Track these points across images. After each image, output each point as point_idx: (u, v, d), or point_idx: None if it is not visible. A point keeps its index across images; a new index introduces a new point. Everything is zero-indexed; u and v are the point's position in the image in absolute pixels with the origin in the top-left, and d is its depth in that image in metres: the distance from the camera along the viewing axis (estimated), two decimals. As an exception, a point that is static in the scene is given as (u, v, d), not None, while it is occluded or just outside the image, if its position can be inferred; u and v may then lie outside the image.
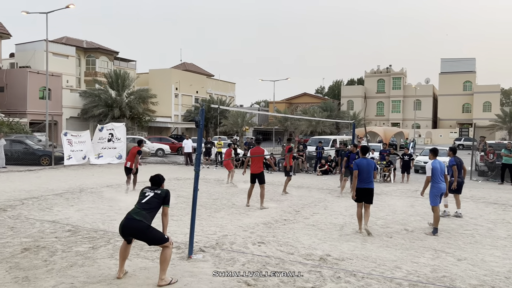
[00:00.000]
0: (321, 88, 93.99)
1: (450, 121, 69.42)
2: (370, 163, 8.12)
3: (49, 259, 6.04)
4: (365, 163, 8.07)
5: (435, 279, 5.57)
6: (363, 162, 8.09)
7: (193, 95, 56.86)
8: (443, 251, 6.93)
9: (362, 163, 8.07)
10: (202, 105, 6.67)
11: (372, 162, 8.19)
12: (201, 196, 11.64)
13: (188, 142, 23.39)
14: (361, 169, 8.02)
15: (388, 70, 73.98)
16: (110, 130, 22.58)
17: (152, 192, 5.37)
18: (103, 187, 13.52)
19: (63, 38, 46.71)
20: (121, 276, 5.32)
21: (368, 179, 8.05)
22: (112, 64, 48.68)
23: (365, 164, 8.05)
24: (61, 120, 37.90)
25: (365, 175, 8.02)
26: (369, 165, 8.07)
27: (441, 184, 8.34)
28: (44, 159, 20.73)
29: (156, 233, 5.11)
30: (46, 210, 9.58)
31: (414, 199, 12.59)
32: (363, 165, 8.04)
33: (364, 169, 8.01)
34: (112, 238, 7.21)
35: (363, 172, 8.01)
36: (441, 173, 8.37)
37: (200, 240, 7.14)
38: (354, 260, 6.36)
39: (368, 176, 8.03)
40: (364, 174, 8.02)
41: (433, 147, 9.20)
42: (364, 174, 8.02)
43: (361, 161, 8.12)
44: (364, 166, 8.03)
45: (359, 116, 57.57)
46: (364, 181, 8.04)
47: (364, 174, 8.02)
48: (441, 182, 8.34)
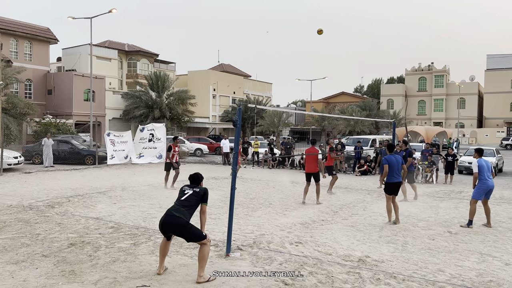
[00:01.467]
0: (360, 87, 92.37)
1: (497, 120, 66.21)
2: (398, 159, 8.90)
3: (93, 254, 6.28)
4: (394, 159, 8.82)
5: (481, 284, 5.34)
6: (392, 158, 8.83)
7: (231, 95, 57.40)
8: (489, 255, 6.63)
9: (391, 159, 8.81)
10: (239, 105, 6.74)
11: (399, 158, 8.98)
12: (238, 195, 11.75)
13: (226, 142, 23.64)
14: (391, 164, 8.74)
15: (430, 68, 71.58)
16: (150, 130, 23.18)
17: (191, 190, 5.47)
18: (144, 186, 13.90)
19: (106, 42, 48.45)
20: (161, 272, 5.45)
21: (398, 173, 8.83)
22: (152, 66, 49.98)
23: (394, 160, 8.81)
24: (104, 121, 39.32)
25: (396, 169, 8.78)
26: (397, 161, 8.84)
27: (489, 181, 8.51)
28: (88, 159, 21.58)
29: (194, 230, 5.20)
30: (90, 207, 9.97)
31: (459, 200, 12.12)
32: (393, 161, 8.78)
33: (394, 164, 8.76)
34: (152, 235, 7.40)
35: (393, 167, 8.75)
36: (488, 171, 8.53)
37: (237, 239, 7.20)
38: (394, 262, 6.20)
39: (398, 171, 8.82)
40: (394, 169, 8.76)
41: (478, 147, 9.36)
42: (394, 169, 8.76)
43: (390, 157, 8.86)
44: (393, 161, 8.78)
45: (400, 115, 56.02)
46: (395, 175, 8.79)
47: (395, 169, 8.77)
48: (488, 179, 8.49)
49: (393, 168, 8.76)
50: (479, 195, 8.48)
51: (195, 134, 46.37)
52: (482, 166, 8.47)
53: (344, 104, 66.28)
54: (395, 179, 8.81)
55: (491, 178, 8.57)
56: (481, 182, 8.47)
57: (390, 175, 8.79)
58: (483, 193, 8.47)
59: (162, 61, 53.99)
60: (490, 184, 8.49)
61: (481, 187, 8.44)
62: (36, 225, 8.08)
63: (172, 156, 13.78)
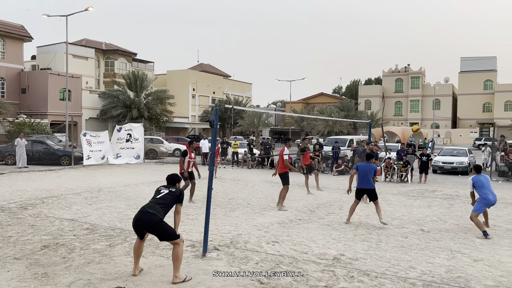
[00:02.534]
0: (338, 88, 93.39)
1: (470, 120, 68.05)
2: (368, 167, 8.94)
3: (67, 256, 6.20)
4: (363, 166, 9.01)
5: (450, 280, 5.51)
6: (362, 165, 9.06)
7: (210, 95, 57.23)
8: (459, 252, 6.84)
9: (361, 166, 9.08)
10: (216, 105, 6.75)
11: (371, 167, 8.96)
12: (216, 196, 11.76)
13: (205, 142, 23.57)
14: (360, 171, 8.98)
15: (406, 70, 72.99)
16: (128, 130, 22.91)
17: (167, 189, 5.48)
18: (121, 187, 13.75)
19: (83, 40, 47.61)
20: (136, 273, 5.43)
21: (366, 181, 8.85)
22: (130, 66, 49.38)
23: (363, 167, 8.98)
24: (80, 121, 38.65)
25: (362, 177, 8.90)
26: (366, 169, 8.91)
27: (489, 195, 8.12)
28: (64, 159, 21.19)
29: (168, 228, 5.21)
30: (65, 209, 9.81)
31: (432, 199, 12.44)
32: (362, 168, 8.99)
33: (361, 171, 8.93)
34: (129, 236, 7.35)
35: (360, 174, 8.96)
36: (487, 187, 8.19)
37: (214, 239, 7.22)
38: (368, 259, 6.34)
39: (365, 179, 8.85)
40: (360, 176, 8.93)
41: (476, 164, 9.23)
42: (360, 176, 8.93)
43: (361, 164, 9.15)
44: (362, 168, 8.97)
45: (377, 116, 56.95)
46: (361, 182, 8.92)
47: (361, 176, 8.92)
48: (489, 194, 8.12)
49: (359, 175, 8.98)
50: (480, 209, 8.21)
51: (174, 134, 46.04)
52: (478, 183, 8.25)
53: (323, 105, 66.89)
54: (361, 186, 8.95)
55: (493, 193, 8.23)
56: (481, 197, 8.19)
57: (358, 182, 9.08)
58: (484, 207, 8.26)
59: (140, 60, 53.40)
60: (492, 199, 8.15)
61: (482, 202, 8.19)
62: (8, 227, 7.91)
63: (188, 164, 11.02)
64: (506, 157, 18.10)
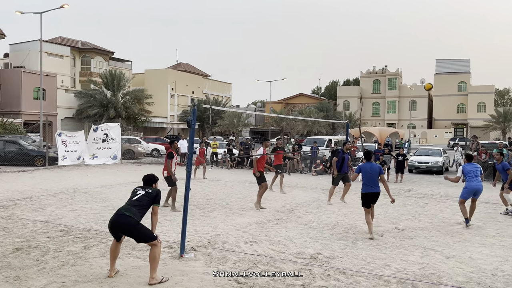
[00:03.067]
0: (317, 89, 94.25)
1: (445, 121, 69.73)
2: (374, 168, 7.97)
3: (40, 258, 6.07)
4: (368, 168, 7.98)
5: (423, 277, 5.65)
6: (367, 167, 8.02)
7: (189, 95, 56.83)
8: (432, 249, 7.01)
9: (365, 167, 8.03)
10: (194, 105, 6.72)
11: (376, 167, 8.01)
12: (195, 196, 11.71)
13: (184, 143, 23.40)
14: (364, 173, 7.99)
15: (383, 71, 74.25)
16: (105, 130, 22.57)
17: (143, 190, 5.42)
18: (97, 188, 13.52)
19: (58, 38, 46.59)
20: (112, 275, 5.36)
21: (373, 183, 7.90)
22: (107, 64, 48.60)
23: (368, 168, 7.96)
24: (55, 120, 37.79)
25: (369, 179, 7.91)
26: (372, 170, 7.93)
27: (472, 182, 8.82)
28: (38, 160, 20.69)
29: (144, 230, 5.16)
30: (39, 211, 9.59)
31: (407, 198, 12.69)
32: (367, 169, 7.97)
33: (368, 173, 7.92)
34: (104, 238, 7.24)
35: (365, 177, 7.95)
36: (473, 175, 8.83)
37: (192, 240, 7.19)
38: (344, 258, 6.43)
39: (372, 181, 7.89)
40: (367, 178, 7.93)
41: (468, 153, 10.09)
42: (367, 178, 7.93)
43: (365, 166, 8.08)
44: (367, 170, 7.96)
45: (355, 117, 57.76)
46: (369, 185, 7.93)
47: (367, 179, 7.92)
48: (472, 180, 8.82)
49: (365, 177, 7.99)
50: (465, 195, 8.88)
51: (152, 134, 45.54)
52: (467, 170, 8.89)
53: (302, 105, 67.40)
54: (369, 189, 7.93)
55: (478, 180, 8.83)
56: (466, 183, 8.91)
57: (364, 185, 8.01)
58: (469, 193, 8.88)
59: (118, 59, 52.60)
60: (474, 185, 8.76)
61: (466, 187, 8.88)
62: (-22, 230, 7.68)
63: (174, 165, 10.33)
64: (478, 157, 18.62)
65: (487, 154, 18.16)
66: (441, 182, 16.82)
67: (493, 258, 6.61)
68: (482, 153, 18.46)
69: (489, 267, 6.14)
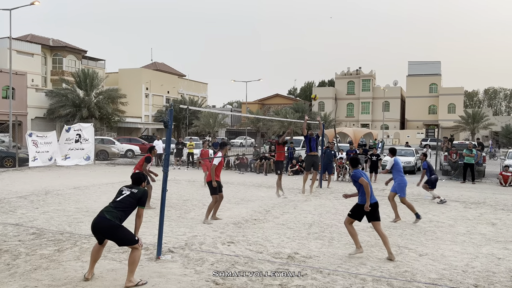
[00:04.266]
0: (293, 89, 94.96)
1: (417, 122, 71.50)
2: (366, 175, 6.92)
3: (12, 262, 5.89)
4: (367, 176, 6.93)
5: (397, 274, 5.78)
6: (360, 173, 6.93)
7: (164, 95, 56.26)
8: (406, 247, 7.18)
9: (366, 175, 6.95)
10: (171, 105, 6.66)
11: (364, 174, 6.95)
12: (171, 197, 11.60)
13: (159, 143, 23.14)
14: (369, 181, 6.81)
15: (358, 72, 75.50)
16: (77, 130, 22.07)
17: (128, 191, 5.31)
18: (70, 189, 13.21)
19: (28, 36, 45.29)
20: (89, 277, 5.25)
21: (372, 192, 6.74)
22: (80, 63, 47.57)
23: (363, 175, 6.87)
24: (25, 120, 36.73)
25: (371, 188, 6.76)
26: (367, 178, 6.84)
27: (404, 177, 9.34)
28: (7, 161, 20.04)
29: (126, 234, 5.07)
30: (9, 213, 9.29)
31: (381, 197, 12.89)
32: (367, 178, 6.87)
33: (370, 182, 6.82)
34: (78, 240, 7.09)
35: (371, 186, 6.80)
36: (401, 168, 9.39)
37: (169, 241, 7.12)
38: (321, 257, 6.51)
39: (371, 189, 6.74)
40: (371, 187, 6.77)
41: (391, 147, 10.53)
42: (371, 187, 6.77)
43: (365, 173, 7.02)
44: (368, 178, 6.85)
45: (330, 117, 58.52)
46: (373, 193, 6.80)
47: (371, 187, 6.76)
48: (404, 176, 9.34)
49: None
50: (403, 191, 9.27)
51: (127, 134, 44.84)
52: (398, 166, 9.34)
53: (279, 106, 67.82)
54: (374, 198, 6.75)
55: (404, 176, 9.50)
56: (399, 179, 9.28)
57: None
58: (405, 188, 9.32)
59: (90, 58, 51.57)
60: (406, 180, 9.38)
61: (401, 183, 9.24)
62: None
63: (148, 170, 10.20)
64: (449, 157, 19.18)
65: (457, 154, 18.72)
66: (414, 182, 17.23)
67: (464, 255, 6.83)
68: (452, 153, 19.02)
69: (460, 263, 6.34)
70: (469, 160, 17.28)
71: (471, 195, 13.93)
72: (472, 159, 17.25)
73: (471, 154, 17.22)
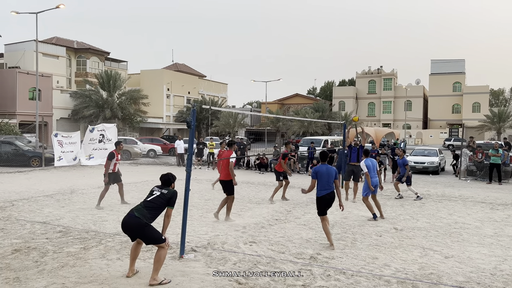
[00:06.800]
0: (313, 89, 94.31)
1: (440, 121, 70.05)
2: (330, 170, 7.12)
3: (40, 260, 6.04)
4: (324, 170, 7.10)
5: (423, 276, 5.67)
6: (323, 169, 7.12)
7: (185, 95, 56.75)
8: (431, 249, 7.04)
9: (321, 170, 7.11)
10: (193, 105, 6.71)
11: (332, 170, 7.16)
12: (193, 197, 11.67)
13: (180, 143, 23.36)
14: (320, 176, 7.08)
15: (379, 71, 74.46)
16: (101, 131, 22.47)
17: (159, 191, 5.41)
18: (94, 188, 13.47)
19: (53, 39, 46.36)
20: (130, 275, 5.40)
21: (328, 186, 7.06)
22: (103, 65, 48.42)
23: (325, 171, 7.09)
24: (51, 121, 37.63)
25: (325, 183, 7.05)
26: (329, 172, 7.08)
27: (374, 178, 9.55)
28: (34, 160, 20.58)
29: (153, 233, 5.17)
30: (36, 212, 9.54)
31: (404, 198, 12.72)
32: (323, 172, 7.08)
33: (324, 176, 7.05)
34: (103, 239, 7.22)
35: (322, 180, 7.06)
36: (373, 169, 9.56)
37: (191, 240, 7.18)
38: (344, 258, 6.45)
39: (328, 184, 7.05)
40: (323, 182, 7.06)
41: (365, 148, 10.90)
42: (323, 182, 7.06)
43: (321, 168, 7.15)
44: (324, 173, 7.07)
45: (351, 117, 57.91)
46: (324, 188, 7.07)
47: (324, 182, 7.06)
48: (374, 177, 9.56)
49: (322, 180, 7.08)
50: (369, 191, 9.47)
51: (148, 134, 45.45)
52: (369, 166, 9.48)
53: (298, 106, 67.50)
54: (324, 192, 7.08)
55: (376, 176, 9.70)
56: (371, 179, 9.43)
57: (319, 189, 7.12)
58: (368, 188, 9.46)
59: (113, 59, 52.42)
60: (375, 181, 9.57)
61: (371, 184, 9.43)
62: (-24, 231, 7.63)
63: (114, 166, 10.77)
64: (474, 157, 18.72)
65: (483, 154, 18.26)
66: (438, 182, 16.91)
67: (492, 257, 6.65)
68: (478, 153, 18.56)
69: (488, 266, 6.18)
70: (495, 160, 16.84)
71: (498, 196, 13.56)
72: (499, 159, 16.80)
73: (498, 154, 16.77)
